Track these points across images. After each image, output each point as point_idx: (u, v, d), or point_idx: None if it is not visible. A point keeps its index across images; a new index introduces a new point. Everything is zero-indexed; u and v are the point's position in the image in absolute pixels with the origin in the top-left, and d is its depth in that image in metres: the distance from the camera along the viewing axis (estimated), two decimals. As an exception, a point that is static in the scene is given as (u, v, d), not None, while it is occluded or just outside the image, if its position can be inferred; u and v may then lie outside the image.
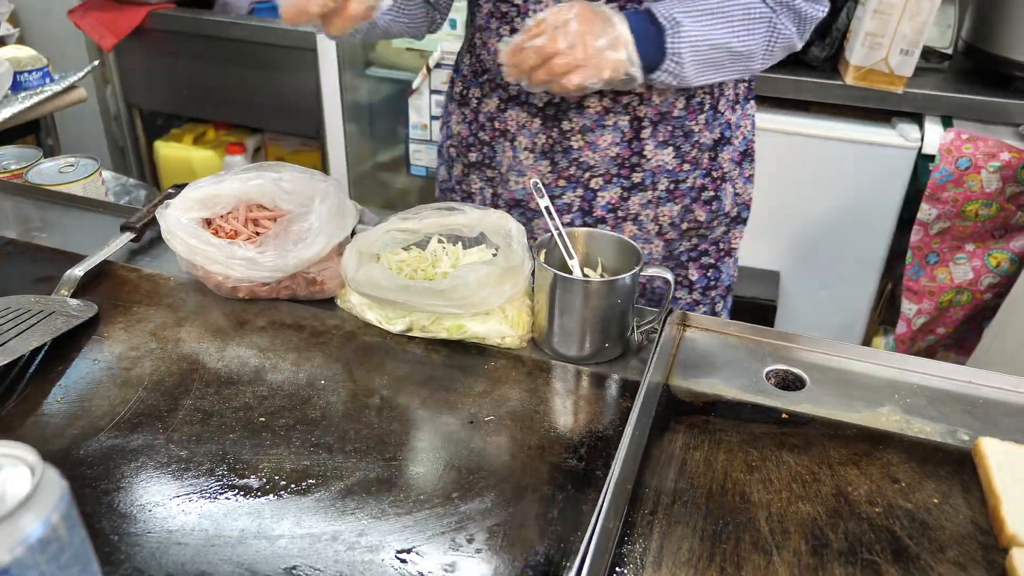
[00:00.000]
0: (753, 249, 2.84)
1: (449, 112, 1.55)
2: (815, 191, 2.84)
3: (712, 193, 1.50)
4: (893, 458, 1.01)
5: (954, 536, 0.91)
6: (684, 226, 1.50)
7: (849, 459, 1.00)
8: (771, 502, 0.93)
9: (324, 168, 3.22)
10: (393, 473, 0.95)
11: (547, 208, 1.16)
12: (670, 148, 1.41)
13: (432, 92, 2.98)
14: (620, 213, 1.46)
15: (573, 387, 1.12)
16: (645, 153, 1.41)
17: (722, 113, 1.45)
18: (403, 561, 0.84)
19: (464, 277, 1.10)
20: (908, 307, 2.83)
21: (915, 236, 2.74)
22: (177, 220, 1.22)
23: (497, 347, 1.18)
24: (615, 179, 1.43)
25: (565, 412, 1.07)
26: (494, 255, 1.20)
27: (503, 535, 0.88)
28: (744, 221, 1.66)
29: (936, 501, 0.95)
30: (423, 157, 3.12)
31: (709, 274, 1.57)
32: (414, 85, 3.00)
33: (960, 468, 0.99)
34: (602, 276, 1.20)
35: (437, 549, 0.85)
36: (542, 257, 1.17)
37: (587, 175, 1.42)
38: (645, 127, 1.38)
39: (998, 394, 1.13)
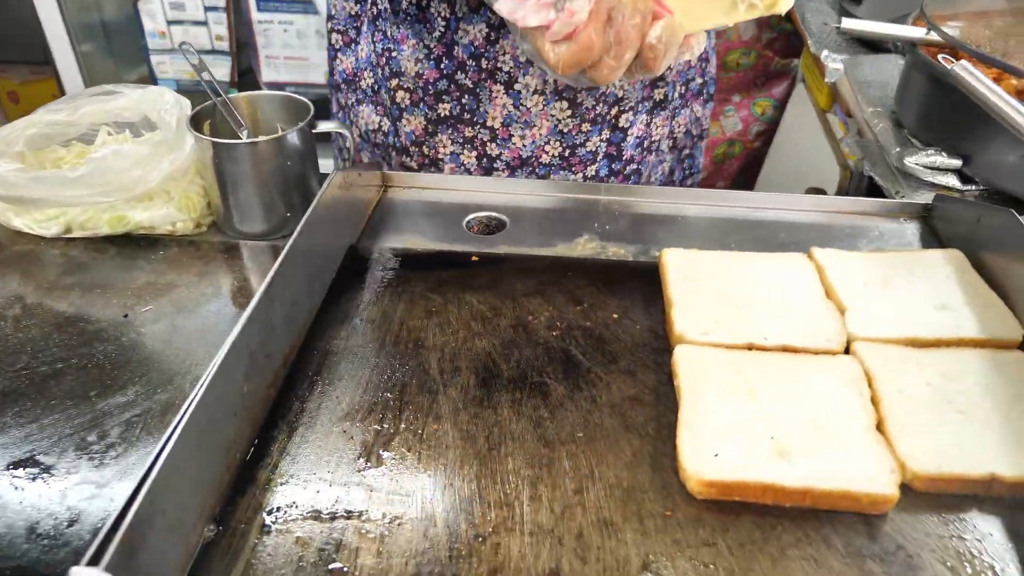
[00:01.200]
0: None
1: (383, 33, 1.14)
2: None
3: (701, 80, 1.28)
4: (581, 282, 0.96)
5: (628, 346, 0.87)
6: (695, 131, 1.31)
7: (535, 290, 0.95)
8: (446, 344, 0.87)
9: (61, 92, 2.94)
10: (23, 384, 0.83)
11: (202, 72, 1.04)
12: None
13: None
14: (645, 145, 1.22)
15: (252, 265, 1.03)
16: (665, 74, 1.15)
17: None
18: (15, 474, 0.73)
19: (103, 159, 0.98)
20: (685, 166, 2.83)
21: (683, 94, 2.73)
22: None
23: (171, 236, 1.06)
24: (641, 105, 1.18)
25: (235, 291, 0.97)
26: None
27: (142, 425, 0.77)
28: (712, 97, 1.35)
29: (616, 316, 0.91)
30: (169, 69, 2.88)
31: (685, 164, 1.36)
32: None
33: (647, 282, 0.95)
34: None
35: (61, 452, 0.75)
36: (206, 130, 1.05)
37: (615, 111, 1.16)
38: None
39: (695, 209, 1.10)
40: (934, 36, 1.22)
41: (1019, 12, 1.22)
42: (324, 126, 1.07)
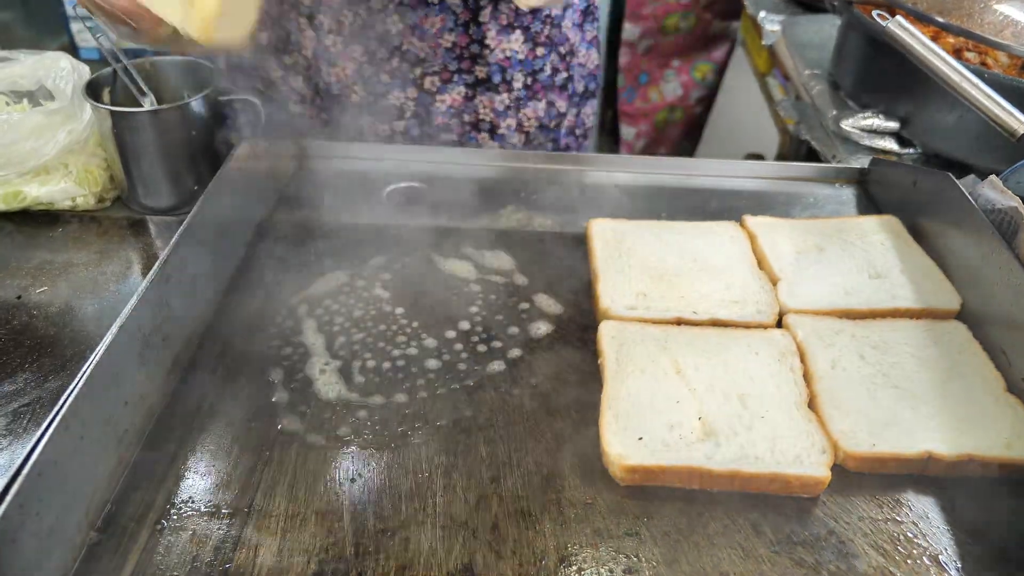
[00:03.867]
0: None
1: None
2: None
3: (565, 74, 1.21)
4: (505, 255, 0.91)
5: (553, 322, 0.83)
6: (552, 124, 1.23)
7: (456, 263, 0.90)
8: (359, 322, 0.84)
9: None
10: (-99, 371, 0.76)
11: (97, 37, 0.96)
12: (517, 31, 1.12)
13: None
14: (468, 118, 1.17)
15: (159, 242, 0.97)
16: (487, 41, 1.11)
17: None
18: None
19: (-11, 130, 0.90)
20: (627, 131, 2.80)
21: (623, 58, 2.70)
22: None
23: (72, 212, 0.99)
24: (456, 76, 1.13)
25: (141, 269, 0.91)
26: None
27: (30, 416, 0.71)
28: (593, 94, 1.31)
29: (541, 291, 0.87)
30: (91, 37, 2.76)
31: None
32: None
33: (576, 254, 0.91)
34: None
35: (-61, 447, 0.69)
36: (106, 98, 0.99)
37: (418, 71, 1.12)
38: (484, 6, 1.08)
39: (627, 177, 1.06)
40: (870, -7, 1.18)
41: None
42: (232, 94, 1.00)
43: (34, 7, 2.76)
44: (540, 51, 1.15)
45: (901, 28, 0.97)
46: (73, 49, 2.67)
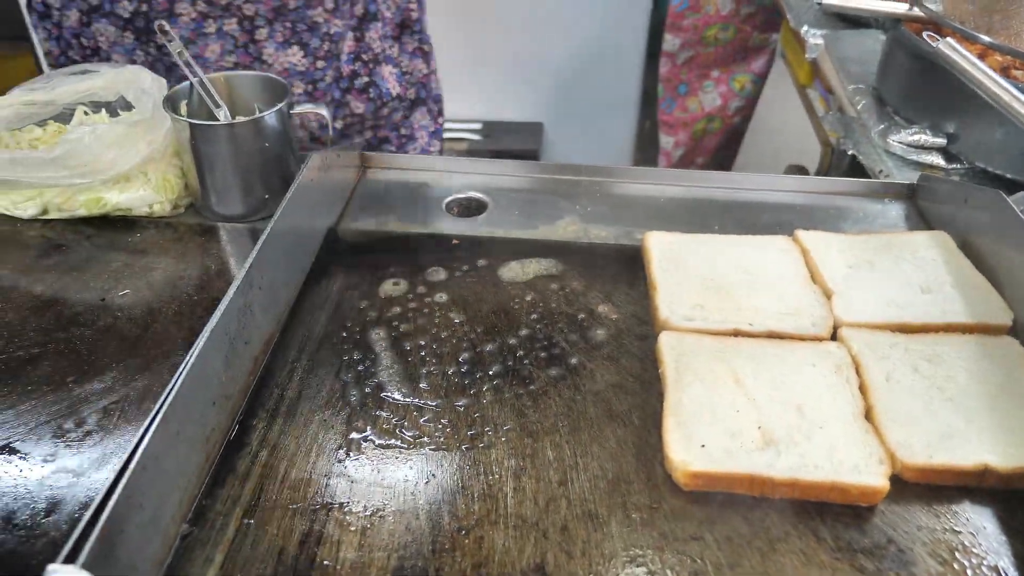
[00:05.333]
0: (516, 103, 2.79)
1: (34, 25, 1.25)
2: (564, 37, 2.79)
3: (366, 79, 1.31)
4: (563, 266, 0.94)
5: (611, 332, 0.86)
6: (342, 123, 1.34)
7: (517, 274, 0.93)
8: (426, 330, 0.87)
9: (40, 70, 2.89)
10: (-2, 368, 0.81)
11: (179, 53, 1.01)
12: (295, 47, 1.22)
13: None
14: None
15: (230, 248, 1.01)
16: (265, 57, 1.21)
17: None
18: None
19: (79, 139, 0.95)
20: (666, 141, 2.83)
21: (663, 68, 2.72)
22: None
23: (148, 218, 1.04)
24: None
25: (213, 274, 0.95)
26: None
27: (119, 413, 0.76)
28: (424, 101, 1.43)
29: (599, 301, 0.89)
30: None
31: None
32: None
33: (630, 265, 0.94)
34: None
35: (38, 440, 0.73)
36: (183, 110, 1.03)
37: None
38: (260, 26, 1.19)
39: (676, 190, 1.09)
40: (917, 11, 1.21)
41: (1005, -10, 1.21)
42: (302, 107, 1.04)
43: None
44: (321, 63, 1.25)
45: (951, 48, 0.99)
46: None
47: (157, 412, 0.62)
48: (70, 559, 0.53)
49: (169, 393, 0.64)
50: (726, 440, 0.69)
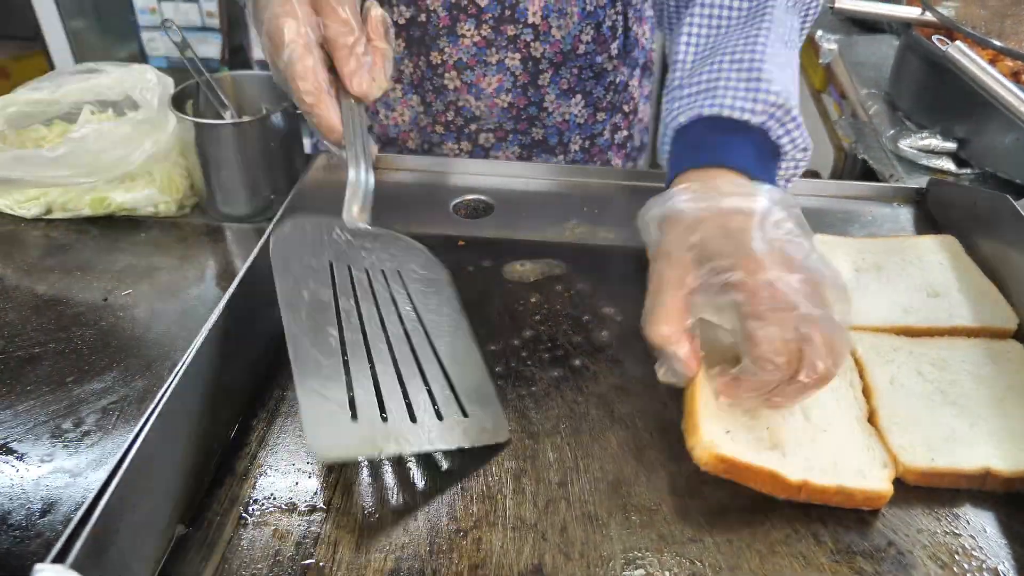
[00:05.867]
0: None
1: None
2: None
3: (626, 133, 1.22)
4: (570, 268, 0.94)
5: (616, 334, 0.86)
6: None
7: (523, 276, 0.92)
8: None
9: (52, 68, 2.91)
10: (-2, 367, 0.81)
11: (181, 47, 1.01)
12: (578, 96, 1.12)
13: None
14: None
15: (235, 248, 1.01)
16: (546, 105, 1.12)
17: (631, 30, 1.11)
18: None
19: (83, 139, 0.95)
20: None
21: (676, 73, 2.70)
22: None
23: (153, 218, 1.04)
24: (512, 136, 1.15)
25: (218, 274, 0.95)
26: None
27: (118, 413, 0.75)
28: (646, 146, 1.32)
29: (604, 304, 0.89)
30: (160, 46, 2.85)
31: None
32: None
33: (637, 267, 0.93)
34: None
35: (35, 440, 0.73)
36: (189, 109, 1.03)
37: (472, 127, 1.14)
38: (544, 70, 1.09)
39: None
40: (929, 16, 1.20)
41: (1017, -7, 1.20)
42: (308, 106, 1.04)
43: (106, 16, 2.85)
44: (602, 116, 1.16)
45: (960, 53, 0.98)
46: (143, 57, 2.74)
47: (152, 412, 0.62)
48: (60, 559, 0.52)
49: (165, 393, 0.63)
50: (746, 433, 0.68)
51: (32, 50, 3.13)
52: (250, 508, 0.66)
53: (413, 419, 0.67)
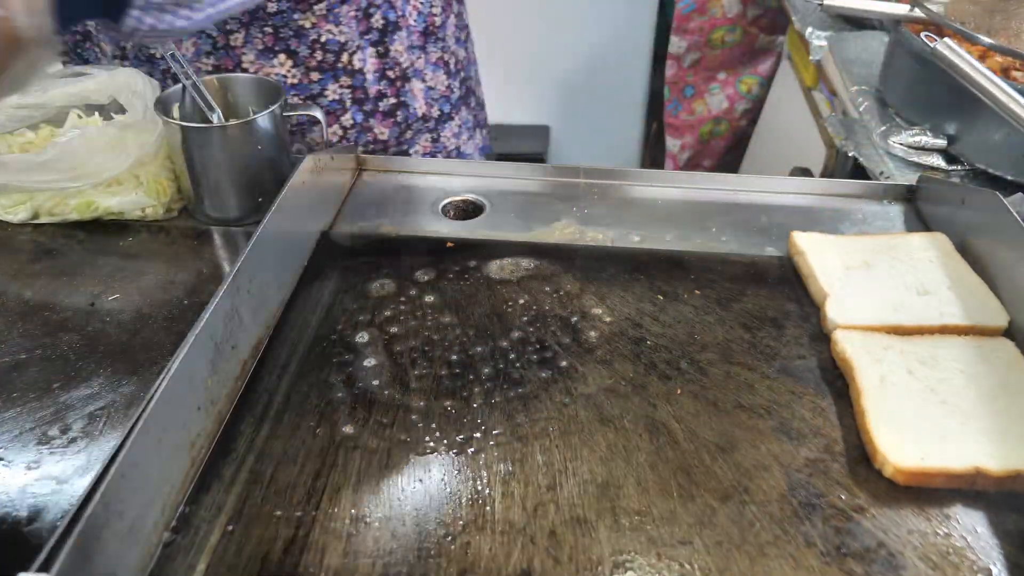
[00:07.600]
0: (522, 106, 2.79)
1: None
2: (570, 40, 2.78)
3: (393, 100, 1.19)
4: (558, 268, 0.94)
5: (605, 336, 0.85)
6: (362, 151, 1.19)
7: (511, 277, 0.92)
8: (418, 333, 0.85)
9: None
10: (-18, 375, 0.80)
11: (172, 55, 1.00)
12: (282, 55, 1.11)
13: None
14: None
15: (224, 251, 1.00)
16: (244, 65, 1.12)
17: None
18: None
19: (68, 143, 0.95)
20: (672, 144, 2.82)
21: (669, 71, 2.71)
22: None
23: (140, 221, 1.04)
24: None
25: (206, 278, 0.94)
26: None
27: (105, 419, 0.75)
28: (451, 116, 1.28)
29: (593, 304, 0.88)
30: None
31: None
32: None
33: (626, 268, 0.93)
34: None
35: (22, 447, 0.72)
36: (175, 113, 1.03)
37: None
38: (233, 31, 1.09)
39: (675, 192, 1.08)
40: (918, 12, 1.19)
41: (1006, -11, 1.19)
42: (296, 110, 1.04)
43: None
44: (316, 75, 1.14)
45: (948, 49, 0.98)
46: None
47: (138, 418, 0.61)
48: (45, 567, 0.52)
49: (151, 399, 0.63)
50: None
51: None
52: (238, 514, 0.66)
53: None
